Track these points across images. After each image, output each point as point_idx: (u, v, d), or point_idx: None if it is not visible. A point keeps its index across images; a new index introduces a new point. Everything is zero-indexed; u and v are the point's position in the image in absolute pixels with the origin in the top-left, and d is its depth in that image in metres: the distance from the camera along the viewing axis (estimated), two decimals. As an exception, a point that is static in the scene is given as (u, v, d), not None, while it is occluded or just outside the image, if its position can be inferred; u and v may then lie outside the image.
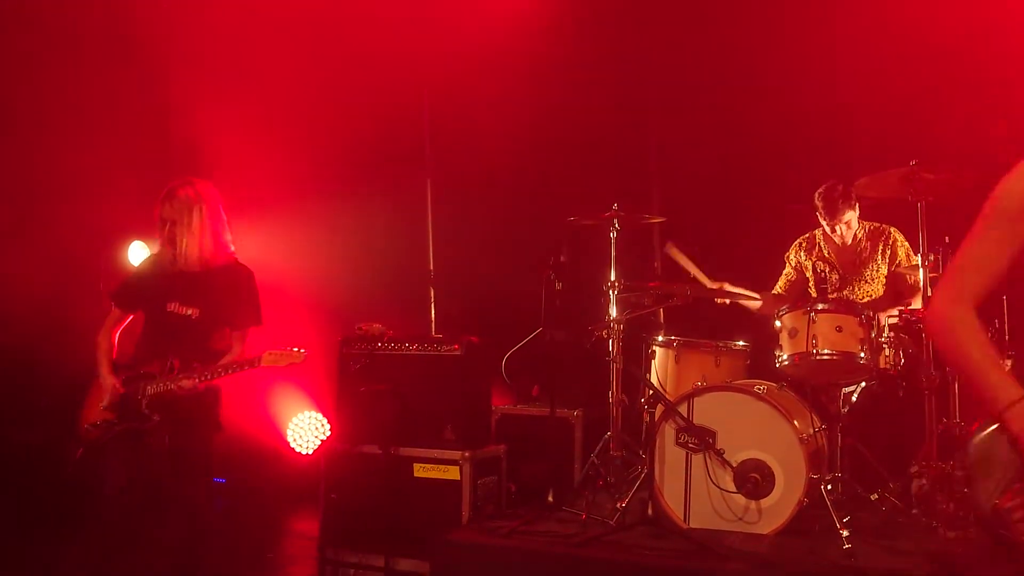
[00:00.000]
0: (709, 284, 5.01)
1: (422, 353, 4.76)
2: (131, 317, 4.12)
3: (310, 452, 6.91)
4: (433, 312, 7.17)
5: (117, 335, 4.09)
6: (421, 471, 4.56)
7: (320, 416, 7.03)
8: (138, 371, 3.93)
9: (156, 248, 4.08)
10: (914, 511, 4.12)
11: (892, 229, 4.97)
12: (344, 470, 4.73)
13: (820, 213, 4.98)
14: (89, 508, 3.99)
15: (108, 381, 3.92)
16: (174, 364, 3.86)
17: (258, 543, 5.63)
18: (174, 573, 3.95)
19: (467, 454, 4.50)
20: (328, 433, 6.80)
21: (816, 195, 4.98)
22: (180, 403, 3.84)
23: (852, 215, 4.92)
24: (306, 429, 7.02)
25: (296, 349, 3.87)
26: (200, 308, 3.94)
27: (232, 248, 4.09)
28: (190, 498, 3.93)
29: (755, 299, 5.00)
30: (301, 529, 5.90)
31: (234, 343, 4.00)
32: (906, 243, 4.91)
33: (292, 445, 6.99)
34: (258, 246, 6.80)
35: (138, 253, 6.70)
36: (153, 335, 4.00)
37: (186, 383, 3.79)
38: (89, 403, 3.97)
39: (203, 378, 3.82)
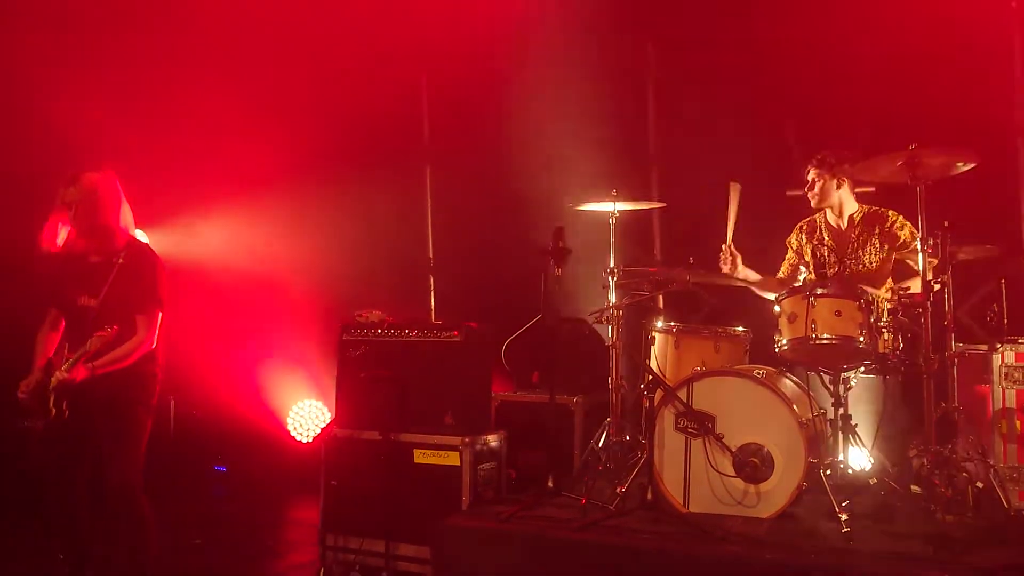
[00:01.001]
0: (728, 244, 4.96)
1: (422, 339, 4.76)
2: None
3: (310, 439, 6.93)
4: (433, 299, 7.18)
5: (58, 335, 4.10)
6: (421, 457, 4.57)
7: (320, 404, 7.04)
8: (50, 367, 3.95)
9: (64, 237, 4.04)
10: (912, 487, 4.12)
11: (891, 212, 4.96)
12: (344, 457, 4.74)
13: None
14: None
15: (32, 375, 3.94)
16: (67, 356, 3.89)
17: (259, 530, 5.65)
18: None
19: (467, 440, 4.51)
20: (328, 420, 6.81)
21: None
22: (84, 392, 3.85)
23: (833, 186, 4.93)
24: (306, 417, 7.04)
25: (107, 328, 3.79)
26: (98, 297, 3.92)
27: (132, 231, 4.12)
28: (120, 488, 3.92)
29: (754, 275, 5.00)
30: (302, 516, 5.93)
31: (138, 328, 3.96)
32: (908, 223, 4.87)
33: (292, 433, 7.01)
34: (257, 235, 6.82)
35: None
36: (68, 329, 4.05)
37: (59, 375, 3.81)
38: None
39: (68, 366, 3.81)
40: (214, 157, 6.53)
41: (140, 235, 4.22)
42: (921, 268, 4.06)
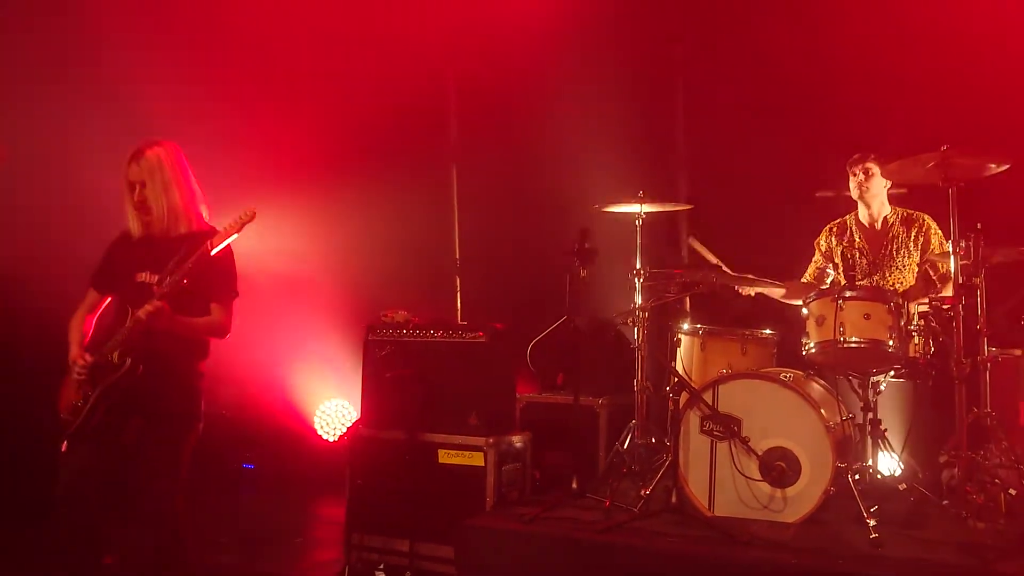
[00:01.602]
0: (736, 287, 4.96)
1: (447, 340, 4.77)
2: (107, 300, 3.79)
3: (336, 439, 6.97)
4: (459, 299, 7.19)
5: (94, 320, 3.77)
6: (446, 457, 4.58)
7: (346, 403, 7.08)
8: (104, 339, 3.60)
9: (135, 221, 3.67)
10: (943, 501, 4.06)
11: (926, 217, 4.91)
12: (370, 456, 4.75)
13: (849, 168, 4.98)
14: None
15: (75, 353, 3.58)
16: (136, 316, 3.43)
17: (285, 528, 5.69)
18: None
19: (491, 440, 4.51)
20: (354, 419, 6.85)
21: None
22: (154, 342, 3.47)
23: (879, 180, 4.88)
24: (333, 416, 7.08)
25: (244, 212, 3.53)
26: (165, 275, 3.54)
27: (206, 216, 3.78)
28: (157, 498, 3.55)
29: (779, 287, 4.96)
30: (327, 514, 5.96)
31: (216, 314, 3.67)
32: (939, 231, 4.85)
33: (319, 432, 7.05)
34: (284, 234, 6.86)
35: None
36: (119, 308, 3.62)
37: (147, 307, 3.38)
38: (64, 391, 3.63)
39: (161, 285, 3.44)
40: (241, 156, 6.57)
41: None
42: (953, 271, 4.00)
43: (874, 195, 4.98)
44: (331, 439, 7.00)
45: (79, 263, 3.97)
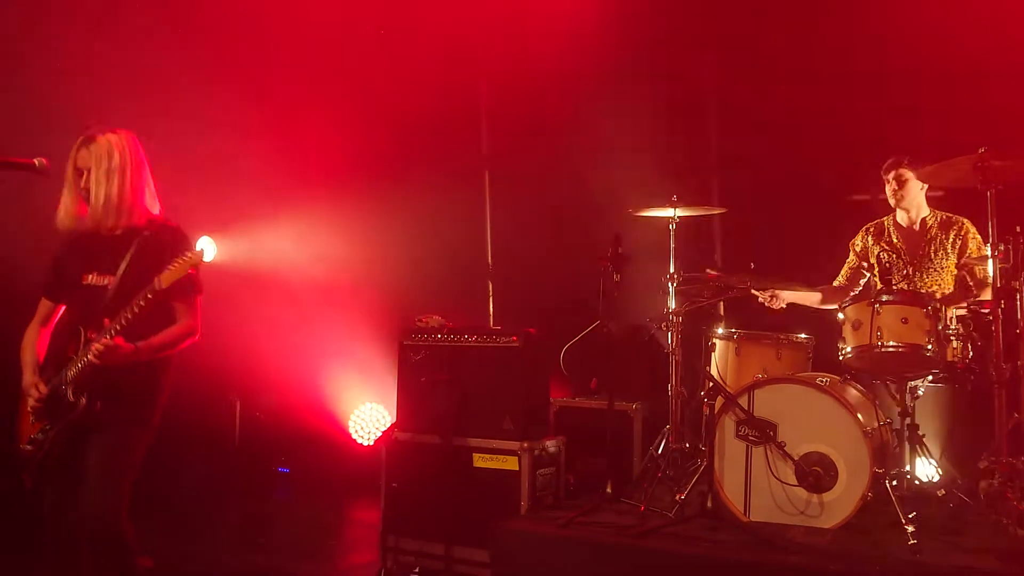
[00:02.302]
0: (761, 295, 4.94)
1: (481, 344, 4.79)
2: (61, 309, 3.51)
3: (371, 442, 7.02)
4: (491, 304, 7.22)
5: (49, 334, 3.49)
6: (480, 461, 4.60)
7: (381, 407, 7.13)
8: (58, 362, 3.33)
9: (70, 211, 3.36)
10: (983, 508, 4.01)
11: (965, 220, 4.85)
12: (405, 460, 4.79)
13: (883, 175, 4.93)
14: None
15: (28, 382, 3.32)
16: (89, 337, 3.20)
17: (321, 530, 5.75)
18: None
19: (526, 445, 4.52)
20: (389, 423, 6.90)
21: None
22: (111, 377, 3.19)
23: (914, 185, 4.83)
24: (368, 420, 7.14)
25: (187, 255, 3.16)
26: (116, 276, 3.26)
27: (157, 208, 3.46)
28: (101, 515, 3.20)
29: (814, 291, 4.92)
30: (363, 518, 6.01)
31: (179, 315, 3.36)
32: (978, 236, 4.79)
33: (354, 436, 7.11)
34: (320, 241, 6.94)
35: (206, 248, 6.88)
36: (69, 315, 3.40)
37: (97, 346, 3.12)
38: (22, 419, 3.36)
39: (114, 331, 3.14)
40: (277, 165, 6.67)
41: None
42: (991, 275, 3.95)
43: (911, 201, 4.92)
44: (366, 443, 7.06)
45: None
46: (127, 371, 3.23)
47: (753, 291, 4.88)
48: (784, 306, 4.99)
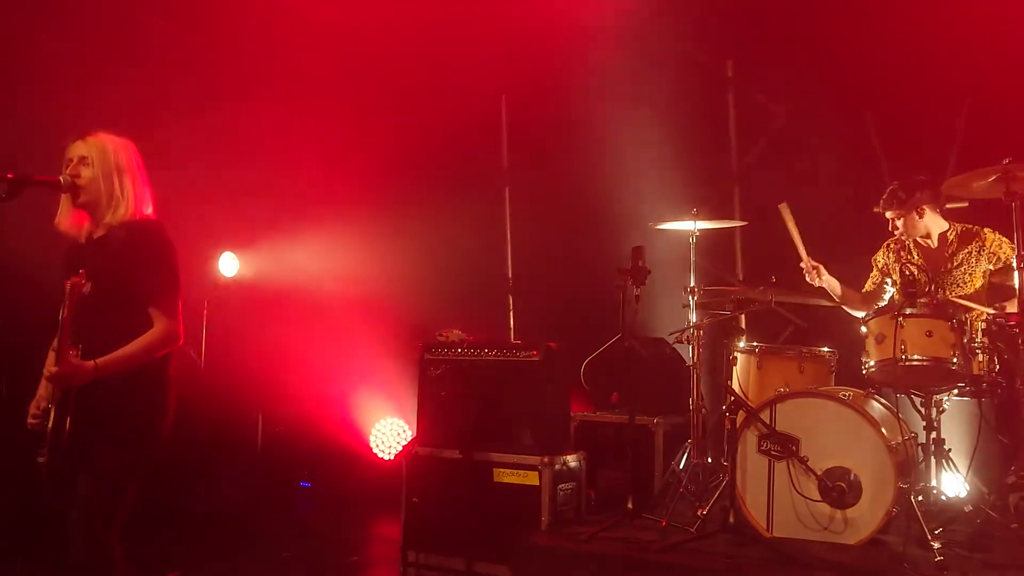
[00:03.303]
0: (806, 260, 4.86)
1: (501, 359, 4.79)
2: None
3: (392, 457, 7.03)
4: (512, 319, 7.22)
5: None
6: (501, 476, 4.59)
7: (401, 422, 7.15)
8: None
9: (65, 212, 3.19)
10: (1012, 524, 3.94)
11: (985, 230, 4.78)
12: (425, 475, 4.79)
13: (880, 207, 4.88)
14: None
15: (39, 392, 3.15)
16: (72, 354, 2.95)
17: (342, 546, 5.75)
18: None
19: (546, 460, 4.51)
20: (409, 438, 6.91)
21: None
22: (89, 396, 2.96)
23: (916, 217, 4.77)
24: (388, 435, 7.15)
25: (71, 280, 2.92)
26: (94, 280, 3.00)
27: (148, 208, 3.23)
28: (90, 545, 2.99)
29: (836, 287, 4.86)
30: (384, 532, 6.01)
31: (155, 321, 3.07)
32: (1004, 240, 4.68)
33: (375, 450, 7.13)
34: (342, 256, 6.99)
35: (229, 263, 6.96)
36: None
37: (47, 373, 2.96)
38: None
39: (70, 349, 2.92)
40: (299, 181, 6.73)
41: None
42: (1018, 286, 3.91)
43: (918, 230, 4.85)
44: (387, 458, 7.07)
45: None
46: (108, 394, 2.98)
47: (802, 255, 4.80)
48: (821, 283, 4.89)
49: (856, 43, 5.69)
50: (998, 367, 4.13)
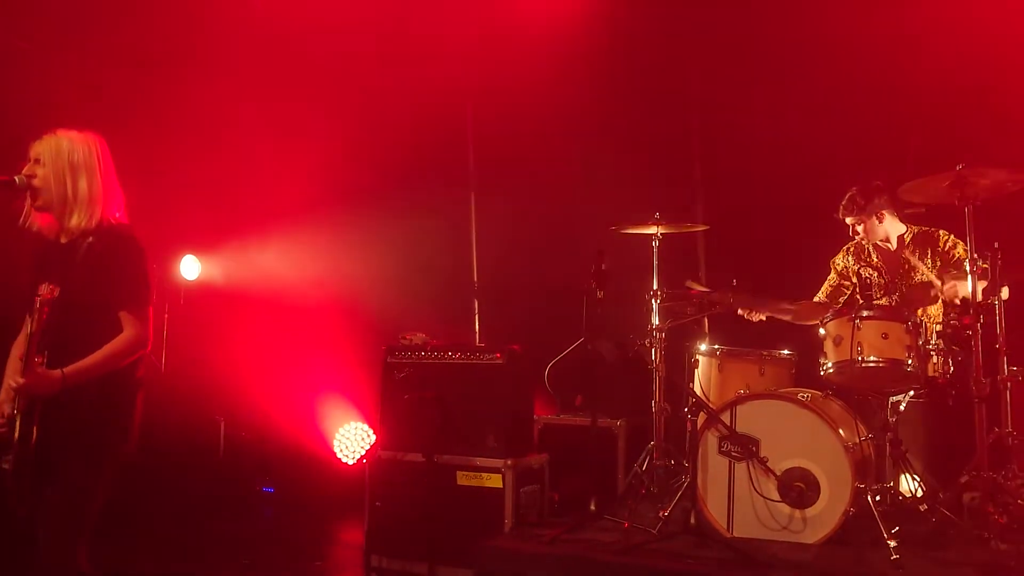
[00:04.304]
0: (744, 312, 4.96)
1: (465, 362, 4.79)
2: None
3: (355, 462, 7.00)
4: (477, 322, 7.22)
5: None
6: (464, 479, 4.59)
7: (365, 426, 7.11)
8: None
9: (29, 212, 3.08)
10: (965, 522, 4.02)
11: (940, 232, 4.88)
12: (388, 478, 4.78)
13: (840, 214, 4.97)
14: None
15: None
16: (32, 359, 2.88)
17: (306, 551, 5.70)
18: None
19: (509, 462, 4.52)
20: (372, 442, 6.88)
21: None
22: (55, 405, 2.90)
23: (876, 222, 4.87)
24: (352, 439, 7.11)
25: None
26: (61, 285, 2.95)
27: (116, 213, 3.12)
28: (57, 553, 2.94)
29: (789, 310, 4.94)
30: (347, 537, 5.96)
31: (125, 326, 3.00)
32: (960, 241, 4.77)
33: (338, 455, 7.08)
34: (304, 260, 6.94)
35: (190, 267, 6.89)
36: (26, 331, 3.02)
37: (11, 384, 2.93)
38: None
39: (36, 359, 2.87)
40: (262, 183, 6.68)
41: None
42: (970, 290, 3.99)
43: (876, 234, 4.95)
44: (350, 462, 7.03)
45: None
46: (75, 400, 2.91)
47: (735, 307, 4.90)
48: (764, 318, 5.00)
49: (820, 52, 5.78)
50: (952, 369, 4.21)
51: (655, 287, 4.87)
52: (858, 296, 5.07)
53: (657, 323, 4.81)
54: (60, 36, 5.69)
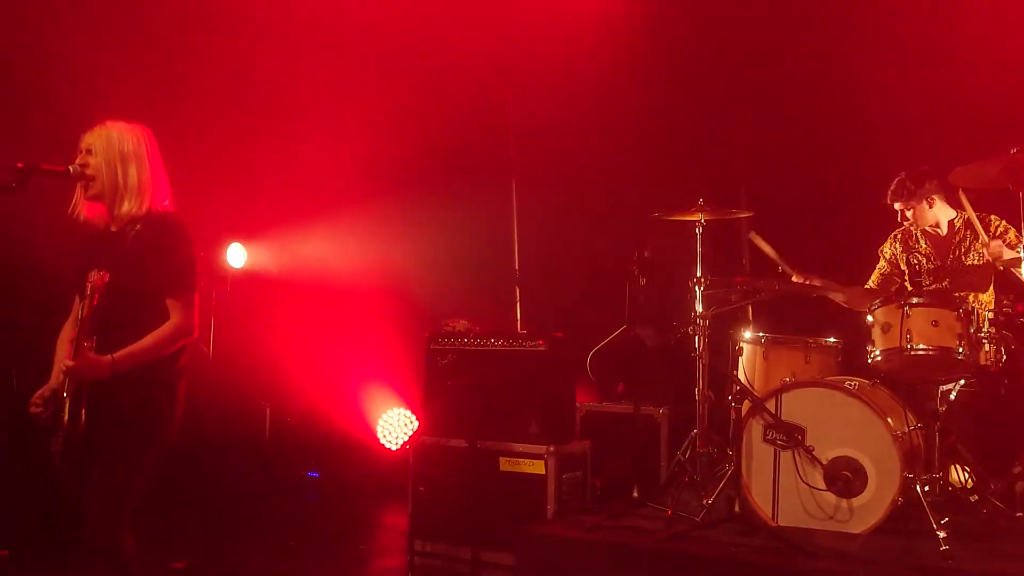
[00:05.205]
0: (794, 276, 4.89)
1: (507, 348, 4.81)
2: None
3: (399, 447, 7.06)
4: (519, 310, 7.23)
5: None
6: (507, 465, 4.61)
7: (408, 412, 7.17)
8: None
9: (79, 201, 3.16)
10: (1018, 514, 3.94)
11: (993, 217, 4.76)
12: (431, 464, 4.82)
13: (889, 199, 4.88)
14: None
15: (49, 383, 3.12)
16: (82, 343, 2.94)
17: (350, 535, 5.78)
18: None
19: (552, 449, 4.52)
20: (416, 428, 6.93)
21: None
22: (104, 390, 2.97)
23: (926, 207, 4.77)
24: (395, 425, 7.18)
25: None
26: (110, 272, 2.99)
27: (164, 201, 3.20)
28: (100, 528, 3.01)
29: (839, 292, 4.87)
30: (391, 522, 6.04)
31: (172, 313, 3.08)
32: (1012, 227, 4.65)
33: (382, 441, 7.16)
34: (350, 247, 7.01)
35: (237, 255, 6.99)
36: (74, 317, 3.14)
37: (63, 367, 2.97)
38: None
39: (86, 344, 2.93)
40: (308, 172, 6.75)
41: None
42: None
43: (926, 220, 4.86)
44: (394, 448, 7.10)
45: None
46: (121, 384, 2.98)
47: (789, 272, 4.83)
48: (819, 283, 4.90)
49: (861, 34, 5.67)
50: (1005, 357, 4.12)
51: (698, 274, 4.82)
52: (907, 284, 4.98)
53: (701, 310, 4.77)
54: (104, 35, 5.78)
